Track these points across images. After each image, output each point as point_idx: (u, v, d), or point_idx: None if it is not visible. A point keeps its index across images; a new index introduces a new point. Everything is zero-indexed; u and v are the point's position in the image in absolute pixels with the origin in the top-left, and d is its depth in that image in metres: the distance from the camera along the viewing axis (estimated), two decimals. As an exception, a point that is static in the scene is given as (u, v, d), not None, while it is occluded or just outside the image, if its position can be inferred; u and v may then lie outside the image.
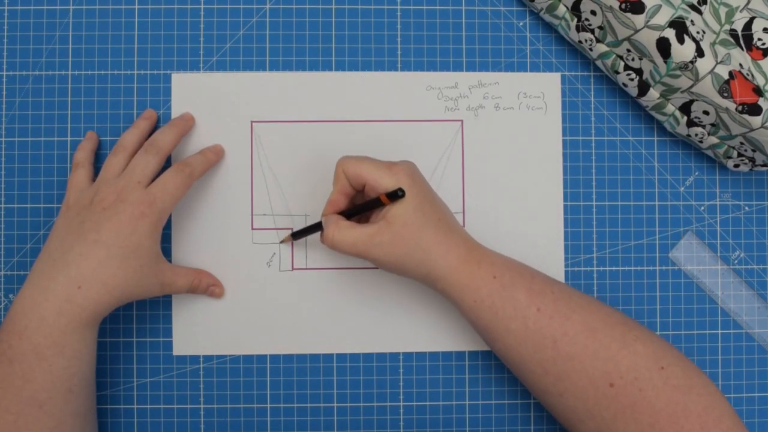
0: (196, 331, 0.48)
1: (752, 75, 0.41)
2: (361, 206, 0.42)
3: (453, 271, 0.41)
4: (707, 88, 0.42)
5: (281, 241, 0.48)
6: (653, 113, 0.47)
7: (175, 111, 0.48)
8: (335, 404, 0.48)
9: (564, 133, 0.49)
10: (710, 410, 0.37)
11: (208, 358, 0.48)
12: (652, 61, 0.43)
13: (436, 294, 0.48)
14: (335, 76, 0.49)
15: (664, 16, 0.41)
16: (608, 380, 0.38)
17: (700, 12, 0.42)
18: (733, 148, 0.45)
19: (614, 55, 0.45)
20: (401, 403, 0.48)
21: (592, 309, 0.40)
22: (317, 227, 0.44)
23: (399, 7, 0.49)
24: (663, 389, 0.37)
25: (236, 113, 0.48)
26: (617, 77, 0.46)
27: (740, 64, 0.41)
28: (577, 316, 0.39)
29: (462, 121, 0.49)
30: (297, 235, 0.46)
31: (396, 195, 0.39)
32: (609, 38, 0.44)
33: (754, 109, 0.41)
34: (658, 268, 0.49)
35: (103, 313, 0.40)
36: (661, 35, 0.41)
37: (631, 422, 0.37)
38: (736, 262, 0.49)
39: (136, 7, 0.48)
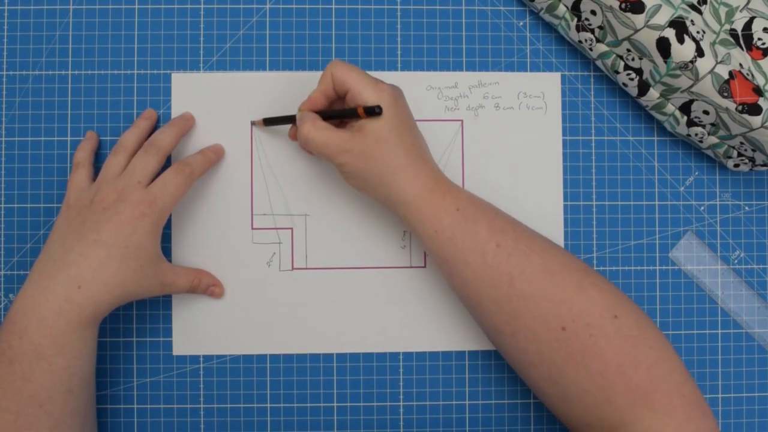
0: (196, 331, 0.48)
1: (752, 75, 0.41)
2: (338, 112, 0.42)
3: (417, 198, 0.41)
4: (707, 87, 0.42)
5: (252, 123, 0.48)
6: (653, 113, 0.47)
7: (175, 111, 0.48)
8: (335, 404, 0.48)
9: (564, 133, 0.49)
10: (660, 364, 0.37)
11: (208, 358, 0.48)
12: (652, 61, 0.43)
13: (436, 294, 0.48)
14: (335, 76, 0.49)
15: (664, 16, 0.41)
16: (560, 323, 0.37)
17: (700, 12, 0.42)
18: (733, 148, 0.45)
19: (614, 55, 0.45)
20: (401, 403, 0.48)
21: (553, 252, 0.40)
22: (291, 119, 0.45)
23: (399, 7, 0.49)
24: (614, 338, 0.37)
25: (236, 113, 0.48)
26: (617, 77, 0.46)
27: (740, 64, 0.41)
28: (536, 257, 0.39)
29: (462, 120, 0.49)
30: (269, 122, 0.47)
31: (373, 111, 0.39)
32: (609, 38, 0.44)
33: (754, 109, 0.41)
34: (658, 268, 0.49)
35: (103, 313, 0.40)
36: (661, 35, 0.41)
37: (581, 368, 0.37)
38: (736, 262, 0.49)
39: (136, 7, 0.48)
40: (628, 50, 0.44)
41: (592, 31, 0.45)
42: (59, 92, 0.48)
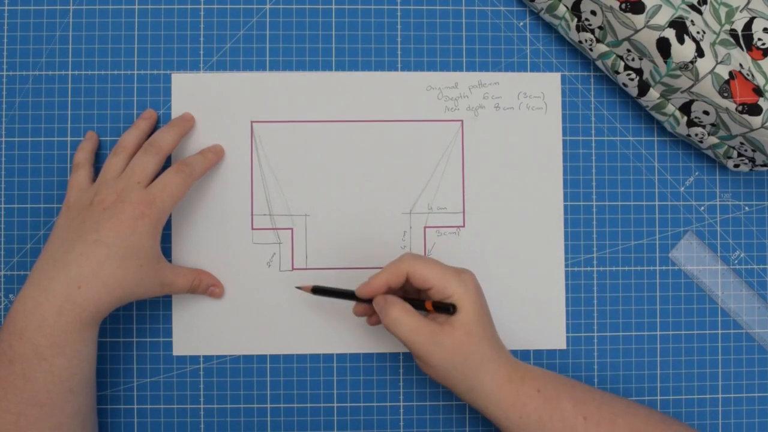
0: (196, 331, 0.48)
1: (752, 75, 0.41)
2: (409, 302, 0.41)
3: (498, 389, 0.41)
4: (707, 88, 0.42)
5: (298, 287, 0.46)
6: (653, 113, 0.47)
7: (175, 111, 0.48)
8: (335, 404, 0.48)
9: (564, 133, 0.49)
10: None
11: (208, 358, 0.48)
12: (652, 61, 0.43)
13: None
14: (335, 76, 0.49)
15: (664, 16, 0.41)
16: None
17: (700, 12, 0.42)
18: (733, 148, 0.45)
19: (614, 55, 0.45)
20: (401, 403, 0.48)
21: (632, 411, 0.41)
22: (343, 295, 0.43)
23: (399, 7, 0.49)
24: None
25: (236, 113, 0.48)
26: (617, 77, 0.46)
27: (740, 64, 0.41)
28: (621, 420, 0.40)
29: (462, 121, 0.49)
30: (319, 291, 0.44)
31: (447, 309, 0.39)
32: (609, 38, 0.44)
33: (754, 109, 0.41)
34: (658, 268, 0.49)
35: (103, 313, 0.40)
36: (661, 35, 0.41)
37: None
38: (736, 262, 0.49)
39: (136, 7, 0.48)
40: (628, 50, 0.44)
41: (592, 32, 0.45)
42: (59, 92, 0.48)
